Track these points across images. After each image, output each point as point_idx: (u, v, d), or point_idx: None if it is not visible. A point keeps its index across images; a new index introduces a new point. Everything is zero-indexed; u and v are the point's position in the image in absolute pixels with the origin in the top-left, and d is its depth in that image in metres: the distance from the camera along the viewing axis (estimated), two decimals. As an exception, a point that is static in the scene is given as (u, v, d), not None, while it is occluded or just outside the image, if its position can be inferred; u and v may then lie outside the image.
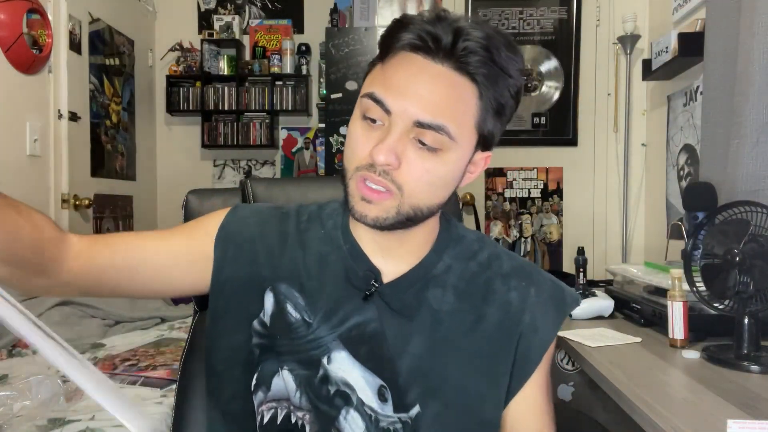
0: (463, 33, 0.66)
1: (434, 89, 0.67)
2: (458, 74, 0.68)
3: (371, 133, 0.69)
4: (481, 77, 0.68)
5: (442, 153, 0.68)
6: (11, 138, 2.21)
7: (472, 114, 0.69)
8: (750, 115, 1.56)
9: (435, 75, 0.67)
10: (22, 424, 1.12)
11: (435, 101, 0.66)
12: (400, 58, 0.69)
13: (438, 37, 0.67)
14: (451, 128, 0.67)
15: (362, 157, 0.69)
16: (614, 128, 2.97)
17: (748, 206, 1.08)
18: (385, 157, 0.66)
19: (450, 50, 0.67)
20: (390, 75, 0.69)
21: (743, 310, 1.07)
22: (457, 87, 0.68)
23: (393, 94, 0.67)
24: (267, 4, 3.92)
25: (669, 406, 0.87)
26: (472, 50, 0.67)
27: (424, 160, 0.68)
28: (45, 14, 2.37)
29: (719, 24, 1.82)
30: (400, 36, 0.69)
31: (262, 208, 0.84)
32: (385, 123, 0.68)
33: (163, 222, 3.79)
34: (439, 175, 0.69)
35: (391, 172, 0.67)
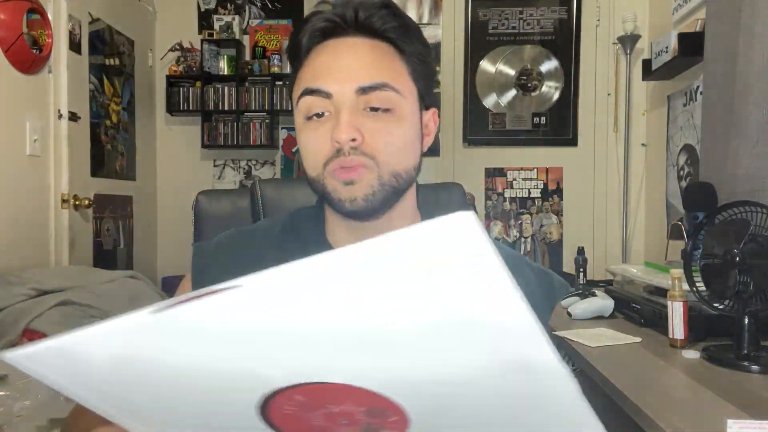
0: (361, 4, 0.70)
1: (360, 57, 0.69)
2: (373, 40, 0.70)
3: (322, 129, 0.69)
4: (394, 35, 0.71)
5: (395, 112, 0.69)
6: (11, 138, 2.21)
7: (401, 68, 0.71)
8: (750, 115, 1.56)
9: (354, 46, 0.70)
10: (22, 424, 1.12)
11: (366, 66, 0.68)
12: (315, 51, 0.71)
13: (342, 15, 0.70)
14: (392, 83, 0.68)
15: (324, 151, 0.68)
16: (614, 128, 2.97)
17: (748, 206, 1.08)
18: (346, 133, 0.66)
19: (356, 22, 0.70)
20: (313, 67, 0.70)
21: (743, 310, 1.07)
22: (377, 50, 0.70)
23: (325, 77, 0.68)
24: (267, 4, 3.92)
25: (669, 406, 0.87)
26: (375, 13, 0.70)
27: (384, 123, 0.68)
28: (45, 14, 2.37)
29: (719, 24, 1.82)
30: (306, 35, 0.71)
31: (223, 238, 0.82)
32: (330, 111, 0.68)
33: (163, 222, 3.79)
34: (402, 134, 0.70)
35: (359, 146, 0.67)
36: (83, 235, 2.70)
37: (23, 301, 1.79)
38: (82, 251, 2.67)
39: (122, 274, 2.20)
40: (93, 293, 1.93)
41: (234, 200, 1.10)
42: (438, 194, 1.19)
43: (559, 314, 1.58)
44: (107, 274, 2.17)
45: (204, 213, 1.07)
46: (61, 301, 1.80)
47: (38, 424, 1.12)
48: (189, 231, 1.21)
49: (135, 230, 3.38)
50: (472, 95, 3.07)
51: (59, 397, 1.21)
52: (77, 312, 1.83)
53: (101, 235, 2.93)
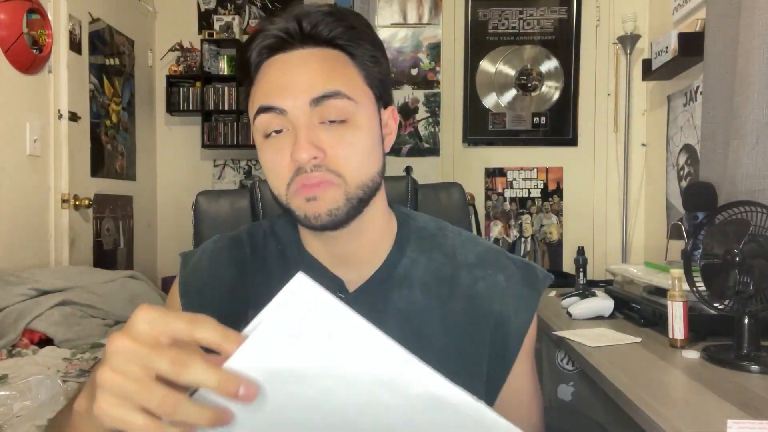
0: (304, 15, 0.68)
1: (310, 69, 0.67)
2: (321, 49, 0.69)
3: (281, 145, 0.67)
4: (342, 41, 0.69)
5: (352, 121, 0.68)
6: (11, 138, 2.21)
7: (354, 74, 0.70)
8: (750, 115, 1.56)
9: (303, 59, 0.68)
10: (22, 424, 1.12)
11: (316, 76, 0.67)
12: (265, 67, 0.69)
13: (285, 29, 0.68)
14: (344, 90, 0.67)
15: (286, 170, 0.67)
16: (614, 128, 2.97)
17: (748, 206, 1.08)
18: (306, 152, 0.65)
19: (301, 34, 0.68)
20: (264, 84, 0.69)
21: (743, 310, 1.07)
22: (327, 59, 0.69)
23: (277, 94, 0.67)
24: (267, 4, 3.92)
25: (669, 406, 0.87)
26: (320, 22, 0.68)
27: (342, 135, 0.67)
28: (45, 14, 2.37)
29: (719, 24, 1.82)
30: (253, 51, 0.70)
31: (209, 245, 0.82)
32: (288, 127, 0.67)
33: (163, 222, 3.79)
34: (361, 144, 0.69)
35: (321, 163, 0.66)
36: (83, 235, 2.70)
37: (23, 301, 1.79)
38: (82, 251, 2.67)
39: (122, 274, 2.20)
40: (93, 293, 1.93)
41: (233, 200, 1.10)
42: (438, 194, 1.20)
43: (559, 314, 1.58)
44: (107, 274, 2.17)
45: (204, 213, 1.07)
46: (61, 301, 1.80)
47: (38, 424, 1.12)
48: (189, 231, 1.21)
49: (135, 230, 3.39)
50: (472, 95, 3.08)
51: (59, 397, 1.21)
52: (77, 312, 1.83)
53: (101, 235, 2.93)
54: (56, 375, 1.39)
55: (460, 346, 0.74)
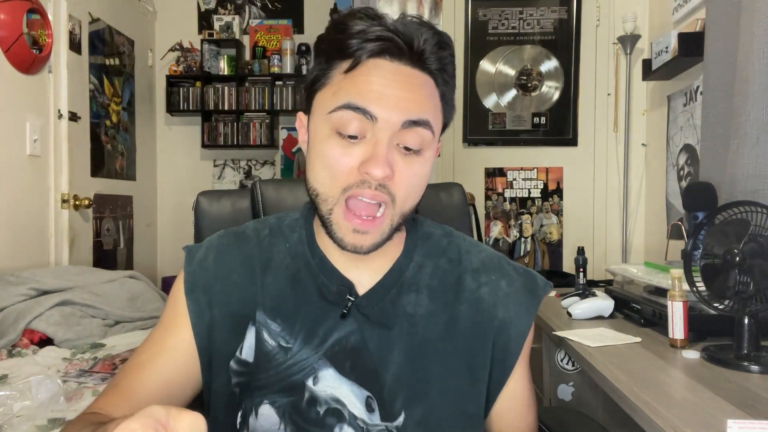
0: (420, 33, 0.69)
1: (411, 89, 0.68)
2: (422, 72, 0.70)
3: (351, 149, 0.66)
4: (437, 72, 0.71)
5: (423, 152, 0.69)
6: (11, 138, 2.21)
7: (438, 107, 0.72)
8: (750, 115, 1.56)
9: (407, 76, 0.68)
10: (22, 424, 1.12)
11: (415, 99, 0.67)
12: (370, 65, 0.68)
13: (401, 39, 0.68)
14: (433, 123, 0.69)
15: (348, 176, 0.66)
16: (614, 128, 2.97)
17: (748, 206, 1.08)
18: (383, 171, 0.64)
19: (412, 52, 0.69)
20: (363, 82, 0.67)
21: (743, 310, 1.07)
22: (425, 84, 0.70)
23: (374, 99, 0.66)
24: (267, 4, 3.92)
25: (669, 406, 0.87)
26: (431, 50, 0.70)
27: (411, 164, 0.68)
28: (45, 14, 2.37)
29: (719, 24, 1.82)
30: (361, 45, 0.67)
31: (215, 240, 0.81)
32: (366, 135, 0.66)
33: (163, 222, 3.80)
34: (423, 175, 0.70)
35: (386, 183, 0.66)
36: (83, 235, 2.70)
37: (23, 301, 1.79)
38: (82, 251, 2.67)
39: (122, 274, 2.20)
40: (93, 293, 1.93)
41: (234, 201, 1.10)
42: (438, 194, 1.20)
43: (559, 314, 1.58)
44: (107, 274, 2.17)
45: (204, 213, 1.07)
46: (61, 301, 1.80)
47: (38, 423, 1.12)
48: (189, 231, 1.21)
49: (135, 230, 3.39)
50: (472, 95, 3.08)
51: (59, 397, 1.21)
52: (77, 312, 1.83)
53: (101, 235, 2.93)
54: (56, 375, 1.40)
55: (465, 349, 0.75)
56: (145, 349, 0.76)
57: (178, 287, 0.77)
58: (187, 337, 0.75)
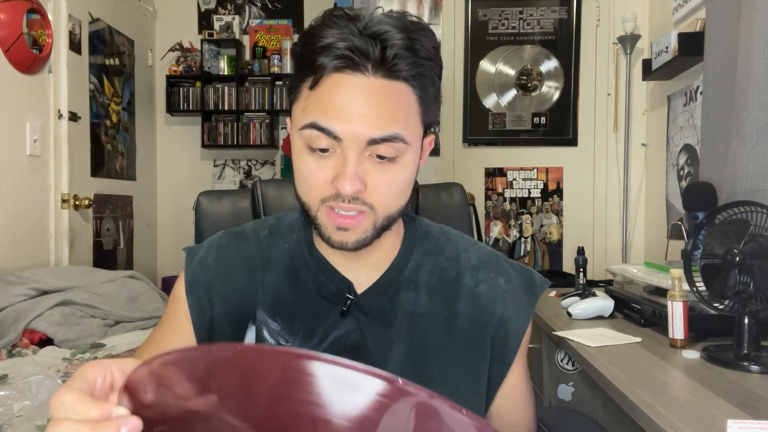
0: (387, 40, 0.65)
1: (376, 103, 0.65)
2: (392, 81, 0.66)
3: (324, 162, 0.67)
4: (414, 77, 0.67)
5: (400, 159, 0.68)
6: (11, 138, 2.21)
7: (415, 112, 0.69)
8: (750, 115, 1.56)
9: (373, 89, 0.65)
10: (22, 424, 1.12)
11: (380, 115, 0.65)
12: (332, 80, 0.65)
13: (364, 51, 0.64)
14: (403, 134, 0.66)
15: (323, 188, 0.67)
16: (614, 128, 2.97)
17: (748, 206, 1.08)
18: (351, 185, 0.64)
19: (379, 62, 0.65)
20: (326, 100, 0.65)
21: (743, 310, 1.07)
22: (395, 94, 0.66)
23: (338, 119, 0.64)
24: (267, 4, 3.92)
25: (669, 406, 0.87)
26: (400, 56, 0.65)
27: (386, 172, 0.67)
28: (45, 14, 2.37)
29: (719, 24, 1.82)
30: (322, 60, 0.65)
31: (215, 240, 0.81)
32: (335, 150, 0.66)
33: (163, 222, 3.80)
34: (403, 180, 0.69)
35: (359, 196, 0.66)
36: (83, 235, 2.70)
37: (23, 301, 1.79)
38: (82, 251, 2.67)
39: (122, 274, 2.21)
40: (93, 293, 1.93)
41: (235, 201, 1.10)
42: (438, 194, 1.20)
43: (559, 314, 1.58)
44: (107, 274, 2.17)
45: (205, 213, 1.07)
46: (61, 301, 1.80)
47: (38, 424, 1.12)
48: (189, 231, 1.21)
49: (135, 230, 3.39)
50: (472, 95, 3.08)
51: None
52: (77, 312, 1.83)
53: (101, 235, 2.93)
54: (56, 375, 1.40)
55: (464, 346, 0.76)
56: (147, 348, 0.77)
57: (179, 287, 0.78)
58: (189, 335, 0.76)
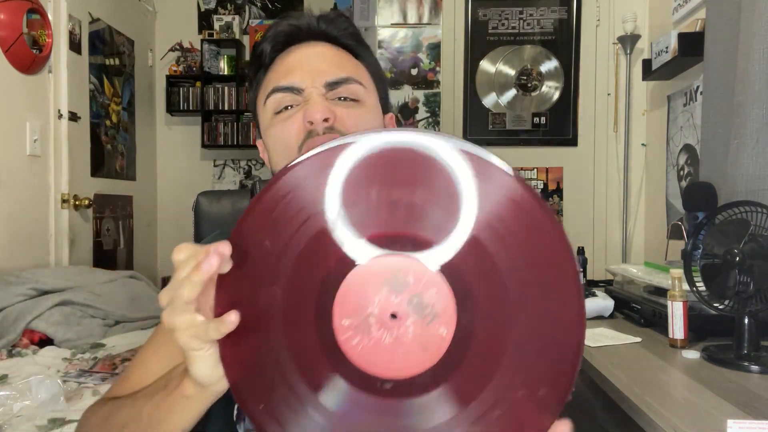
0: (320, 15, 0.75)
1: (326, 58, 0.73)
2: (333, 46, 0.75)
3: (293, 117, 0.70)
4: (352, 42, 0.76)
5: (363, 103, 0.72)
6: (11, 138, 2.21)
7: (363, 69, 0.75)
8: (750, 115, 1.56)
9: (317, 51, 0.74)
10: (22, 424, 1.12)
11: (332, 64, 0.72)
12: (282, 56, 0.74)
13: (304, 26, 0.74)
14: (356, 77, 0.72)
15: (297, 134, 0.70)
16: (614, 128, 2.97)
17: (748, 206, 1.08)
18: (320, 112, 0.67)
19: (317, 29, 0.74)
20: (280, 68, 0.73)
21: (743, 310, 1.07)
22: (340, 55, 0.74)
23: (295, 74, 0.71)
24: (267, 4, 3.92)
25: (669, 406, 0.87)
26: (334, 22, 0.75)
27: (352, 110, 0.71)
28: (45, 14, 2.37)
29: (719, 24, 1.82)
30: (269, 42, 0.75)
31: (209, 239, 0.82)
32: (300, 103, 0.70)
33: (163, 222, 3.79)
34: (370, 120, 0.72)
35: (332, 125, 0.69)
36: (83, 235, 2.70)
37: (23, 301, 1.79)
38: (82, 251, 2.67)
39: (122, 274, 2.21)
40: (93, 293, 1.93)
41: (234, 201, 1.10)
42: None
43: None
44: (107, 274, 2.17)
45: (204, 213, 1.07)
46: (61, 301, 1.80)
47: (38, 424, 1.13)
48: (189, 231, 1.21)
49: (135, 230, 3.39)
50: (472, 95, 3.07)
51: (59, 397, 1.21)
52: (77, 312, 1.83)
53: (101, 235, 2.93)
54: (56, 375, 1.40)
55: None
56: (151, 344, 0.77)
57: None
58: None
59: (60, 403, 1.20)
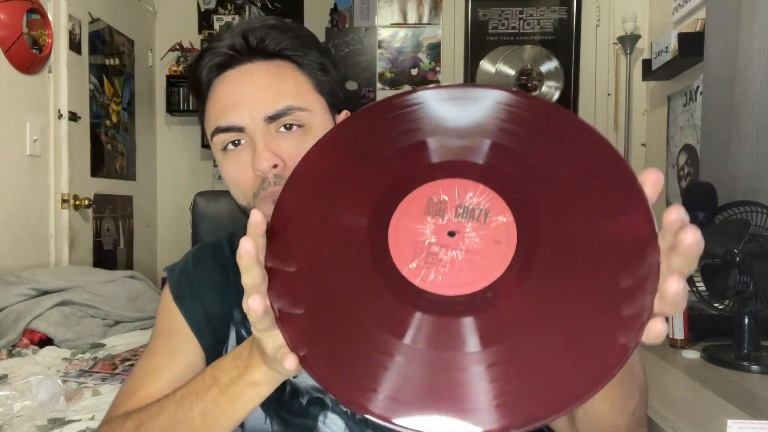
0: (250, 30, 0.70)
1: (260, 84, 0.69)
2: (269, 61, 0.70)
3: (241, 157, 0.69)
4: (289, 52, 0.71)
5: (307, 127, 0.70)
6: (11, 138, 2.21)
7: (304, 82, 0.71)
8: (750, 115, 1.56)
9: (251, 74, 0.70)
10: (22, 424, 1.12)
11: (267, 92, 0.68)
12: (215, 85, 0.71)
13: (232, 45, 0.70)
14: (295, 103, 0.69)
15: (250, 182, 0.69)
16: (614, 128, 2.97)
17: (748, 206, 1.08)
18: (267, 161, 0.66)
19: (248, 49, 0.70)
20: (217, 102, 0.70)
21: (743, 310, 1.07)
22: (275, 72, 0.70)
23: (231, 111, 0.68)
24: (267, 4, 3.92)
25: (669, 406, 0.87)
26: (265, 36, 0.70)
27: (298, 140, 0.69)
28: (45, 14, 2.37)
29: (719, 24, 1.82)
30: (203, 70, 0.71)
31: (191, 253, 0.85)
32: (245, 139, 0.69)
33: (163, 222, 3.79)
34: None
35: (281, 173, 0.67)
36: (83, 235, 2.70)
37: (23, 301, 1.79)
38: (82, 251, 2.67)
39: (122, 274, 2.20)
40: (93, 293, 1.92)
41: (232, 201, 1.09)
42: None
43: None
44: (107, 274, 2.17)
45: (202, 214, 1.07)
46: (61, 301, 1.80)
47: (38, 424, 1.12)
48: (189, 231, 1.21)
49: (135, 230, 3.39)
50: (472, 95, 3.07)
51: (59, 397, 1.21)
52: (77, 312, 1.83)
53: (101, 235, 2.93)
54: (56, 375, 1.40)
55: None
56: (155, 355, 0.77)
57: (167, 301, 0.80)
58: (190, 337, 0.77)
59: (60, 403, 1.20)
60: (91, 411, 1.18)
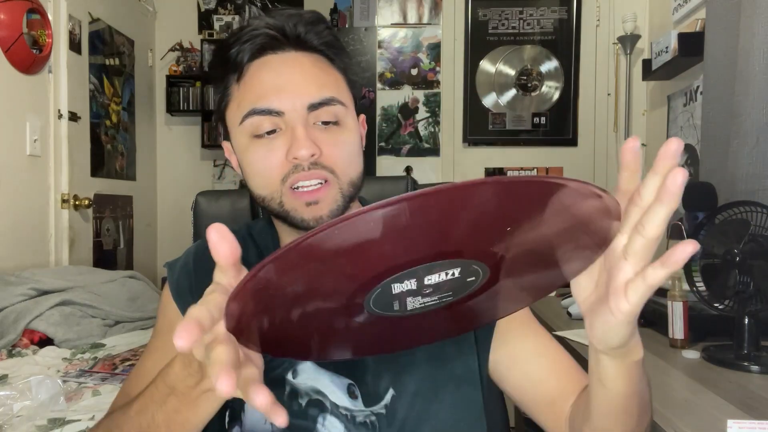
0: (297, 18, 0.71)
1: (306, 73, 0.69)
2: (310, 53, 0.71)
3: (273, 144, 0.68)
4: (327, 50, 0.73)
5: (343, 123, 0.71)
6: (11, 138, 2.21)
7: (341, 80, 0.73)
8: (750, 115, 1.56)
9: (296, 61, 0.70)
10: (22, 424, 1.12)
11: (312, 82, 0.69)
12: (257, 65, 0.70)
13: (280, 28, 0.70)
14: (337, 96, 0.70)
15: (280, 167, 0.68)
16: (614, 128, 2.97)
17: (748, 206, 1.08)
18: (306, 149, 0.66)
19: (295, 37, 0.70)
20: (257, 84, 0.69)
21: (743, 310, 1.07)
22: (316, 64, 0.71)
23: (273, 95, 0.68)
24: (267, 4, 3.92)
25: (669, 406, 0.87)
26: (311, 29, 0.71)
27: (335, 135, 0.69)
28: (45, 14, 2.37)
29: (719, 24, 1.82)
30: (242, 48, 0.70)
31: (192, 248, 0.84)
32: (281, 127, 0.68)
33: (163, 222, 3.79)
34: (352, 142, 0.72)
35: (318, 161, 0.67)
36: (83, 235, 2.70)
37: (23, 301, 1.79)
38: (82, 251, 2.67)
39: (122, 274, 2.20)
40: (93, 293, 1.92)
41: (233, 201, 1.10)
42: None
43: (559, 314, 1.58)
44: (107, 274, 2.17)
45: (203, 214, 1.07)
46: (61, 301, 1.80)
47: (38, 424, 1.12)
48: (189, 231, 1.21)
49: (135, 230, 3.39)
50: (472, 95, 3.08)
51: (59, 397, 1.21)
52: (77, 312, 1.83)
53: (101, 235, 2.93)
54: (56, 375, 1.40)
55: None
56: (152, 355, 0.77)
57: (166, 298, 0.80)
58: None
59: (60, 403, 1.20)
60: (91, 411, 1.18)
